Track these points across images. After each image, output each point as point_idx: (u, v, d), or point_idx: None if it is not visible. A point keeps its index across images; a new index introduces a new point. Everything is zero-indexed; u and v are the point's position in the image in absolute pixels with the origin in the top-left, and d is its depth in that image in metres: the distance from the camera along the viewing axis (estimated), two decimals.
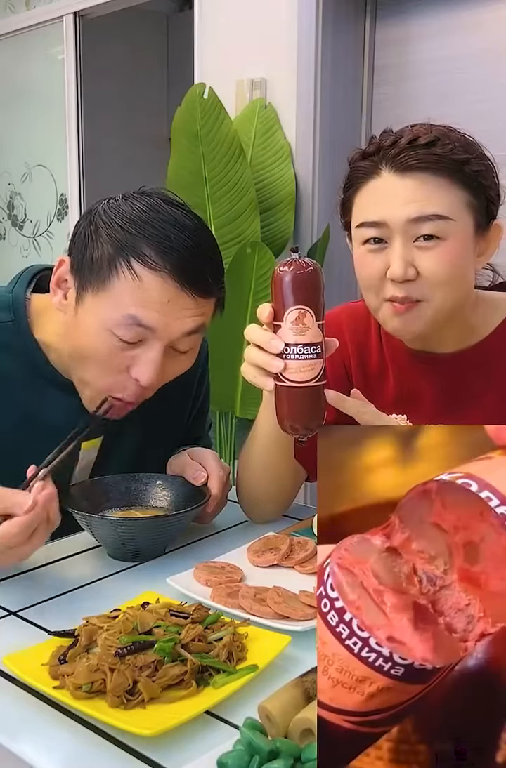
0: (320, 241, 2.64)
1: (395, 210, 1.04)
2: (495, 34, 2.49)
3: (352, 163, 1.12)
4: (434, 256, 1.04)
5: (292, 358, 0.93)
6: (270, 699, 0.67)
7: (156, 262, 1.02)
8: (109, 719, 0.70)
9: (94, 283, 1.05)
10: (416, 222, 1.03)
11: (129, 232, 1.03)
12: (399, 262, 1.04)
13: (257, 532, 1.15)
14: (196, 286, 1.05)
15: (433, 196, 1.03)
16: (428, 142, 1.04)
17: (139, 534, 1.09)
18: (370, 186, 1.08)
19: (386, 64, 2.78)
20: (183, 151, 2.59)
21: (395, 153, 1.05)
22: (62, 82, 3.72)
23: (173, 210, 1.07)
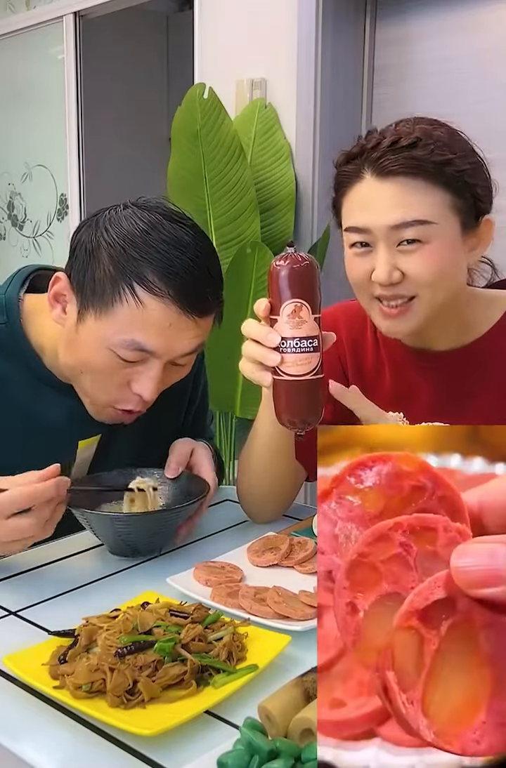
0: (320, 241, 2.64)
1: (377, 217, 1.05)
2: (495, 34, 2.49)
3: (337, 167, 1.13)
4: (417, 259, 1.05)
5: (289, 352, 0.93)
6: (270, 699, 0.67)
7: (160, 288, 1.03)
8: (109, 719, 0.70)
9: (97, 306, 1.05)
10: (398, 228, 1.04)
11: (132, 255, 1.03)
12: (383, 267, 1.05)
13: (257, 532, 1.15)
14: (196, 308, 1.06)
15: (414, 201, 1.04)
16: (409, 144, 1.04)
17: (136, 530, 1.09)
18: (354, 190, 1.09)
19: (386, 64, 2.78)
20: (183, 151, 2.59)
21: (376, 157, 1.05)
22: (62, 82, 3.72)
23: (173, 227, 1.06)
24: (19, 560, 1.09)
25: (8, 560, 1.09)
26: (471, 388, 1.18)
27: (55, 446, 1.15)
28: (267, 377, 0.96)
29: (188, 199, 2.59)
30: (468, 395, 1.18)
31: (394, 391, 1.23)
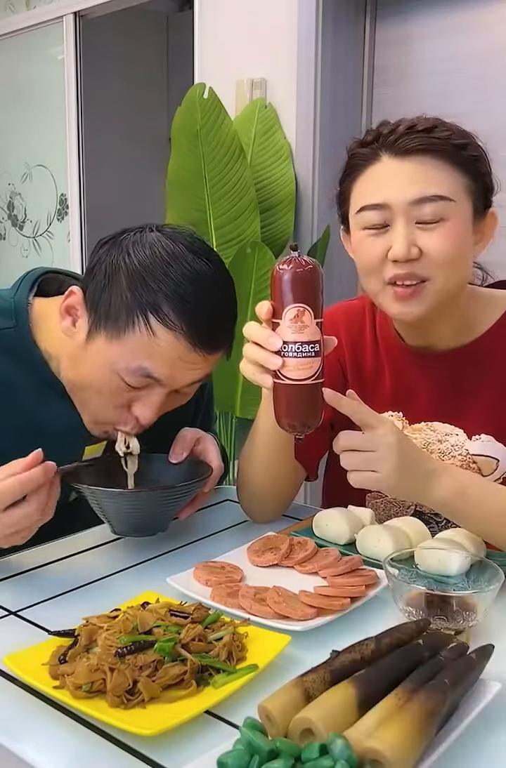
0: (320, 241, 2.64)
1: (397, 192, 1.06)
2: (496, 34, 2.49)
3: (350, 152, 1.13)
4: (437, 236, 1.05)
5: (290, 356, 0.93)
6: (270, 699, 0.67)
7: (173, 322, 1.03)
8: (109, 719, 0.70)
9: (110, 329, 1.05)
10: (418, 203, 1.05)
11: (150, 285, 1.03)
12: (401, 242, 1.05)
13: (257, 532, 1.15)
14: (206, 346, 1.06)
15: (434, 177, 1.05)
16: (426, 128, 1.06)
17: (141, 507, 1.09)
18: (370, 171, 1.09)
19: (386, 64, 2.78)
20: (183, 151, 2.59)
21: (394, 139, 1.07)
22: (62, 82, 3.71)
23: (195, 261, 1.05)
24: (19, 560, 1.09)
25: (8, 560, 1.09)
26: (471, 388, 1.18)
27: (62, 451, 1.15)
28: (268, 380, 0.97)
29: (188, 199, 2.59)
30: (468, 395, 1.18)
31: (394, 391, 1.23)
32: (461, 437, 1.18)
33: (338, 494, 1.32)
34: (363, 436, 0.98)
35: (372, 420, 0.99)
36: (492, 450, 1.17)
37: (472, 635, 0.85)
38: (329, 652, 0.74)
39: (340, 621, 0.90)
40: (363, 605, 0.94)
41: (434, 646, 0.75)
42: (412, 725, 0.63)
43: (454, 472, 1.04)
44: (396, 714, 0.64)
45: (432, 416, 1.21)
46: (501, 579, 0.88)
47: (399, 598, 0.89)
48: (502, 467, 1.17)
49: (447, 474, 1.01)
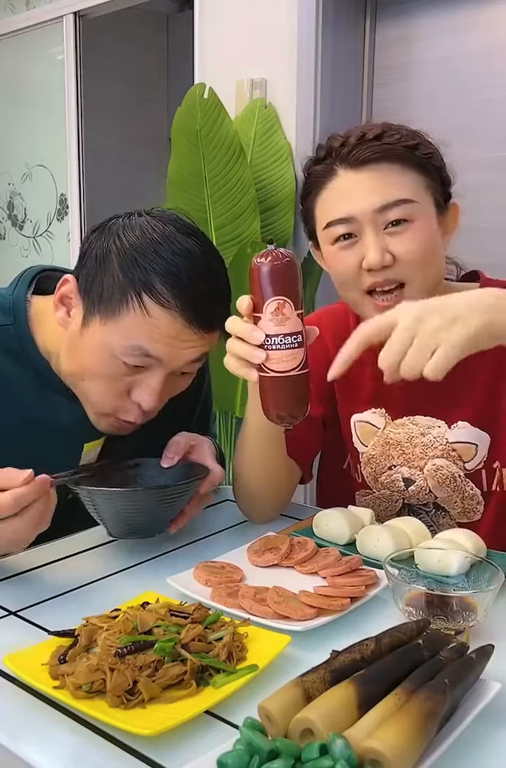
0: None
1: (360, 202, 1.07)
2: (495, 34, 2.49)
3: (306, 171, 1.15)
4: (406, 239, 1.07)
5: (274, 349, 0.95)
6: (270, 699, 0.67)
7: (168, 300, 1.03)
8: (109, 719, 0.70)
9: (104, 311, 1.05)
10: (382, 210, 1.07)
11: (142, 264, 1.03)
12: (374, 250, 1.07)
13: (257, 532, 1.15)
14: (202, 323, 1.06)
15: (393, 183, 1.07)
16: (376, 136, 1.08)
17: (137, 507, 1.08)
18: (329, 187, 1.11)
19: (386, 65, 2.78)
20: (183, 151, 2.59)
21: (347, 151, 1.08)
22: (62, 82, 3.72)
23: (185, 240, 1.06)
24: (19, 560, 1.09)
25: (8, 560, 1.09)
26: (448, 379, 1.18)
27: (61, 448, 1.15)
28: (253, 374, 0.98)
29: (188, 199, 2.59)
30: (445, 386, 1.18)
31: (376, 389, 1.25)
32: (442, 428, 1.21)
33: (332, 493, 1.34)
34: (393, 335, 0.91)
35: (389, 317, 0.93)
36: (470, 436, 1.19)
37: (472, 635, 0.85)
38: (329, 652, 0.74)
39: (340, 621, 0.90)
40: (363, 605, 0.94)
41: (434, 646, 0.75)
42: (412, 725, 0.63)
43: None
44: (396, 714, 0.64)
45: (414, 411, 1.23)
46: (501, 579, 0.88)
47: (399, 598, 0.89)
48: (481, 452, 1.19)
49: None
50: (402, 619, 0.85)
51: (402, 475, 1.25)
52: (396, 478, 1.25)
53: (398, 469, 1.25)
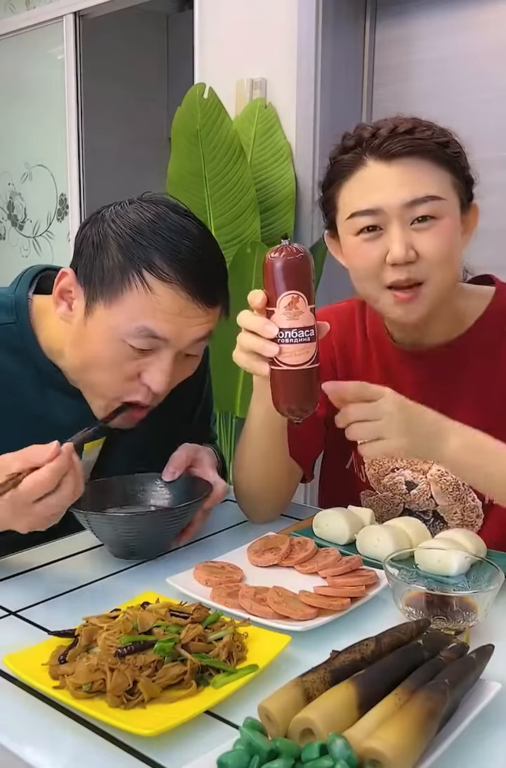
0: (321, 241, 2.64)
1: (388, 196, 1.06)
2: (495, 34, 2.49)
3: (333, 158, 1.14)
4: (431, 236, 1.07)
5: (287, 342, 0.94)
6: (270, 699, 0.67)
7: (168, 274, 1.03)
8: (109, 719, 0.70)
9: (106, 294, 1.05)
10: (411, 205, 1.06)
11: (140, 243, 1.04)
12: (399, 245, 1.06)
13: (257, 532, 1.15)
14: (205, 296, 1.06)
15: (423, 178, 1.06)
16: (407, 130, 1.07)
17: (137, 530, 1.08)
18: (356, 177, 1.10)
19: (386, 65, 2.78)
20: (183, 151, 2.59)
21: (379, 143, 1.07)
22: (62, 82, 3.72)
23: (180, 219, 1.07)
24: (19, 560, 1.09)
25: (8, 560, 1.09)
26: (456, 382, 1.20)
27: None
28: (264, 367, 0.97)
29: (188, 199, 2.59)
30: (453, 389, 1.20)
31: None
32: None
33: (334, 492, 1.33)
34: (368, 407, 0.99)
35: (375, 392, 1.00)
36: None
37: (472, 635, 0.85)
38: (329, 652, 0.74)
39: (340, 621, 0.90)
40: (363, 605, 0.94)
41: (434, 646, 0.75)
42: (412, 725, 0.63)
43: (462, 429, 1.05)
44: (396, 714, 0.64)
45: None
46: (501, 579, 0.88)
47: (399, 598, 0.89)
48: None
49: (455, 432, 1.03)
50: (402, 619, 0.85)
51: (404, 478, 1.25)
52: (398, 480, 1.25)
53: (401, 471, 1.25)
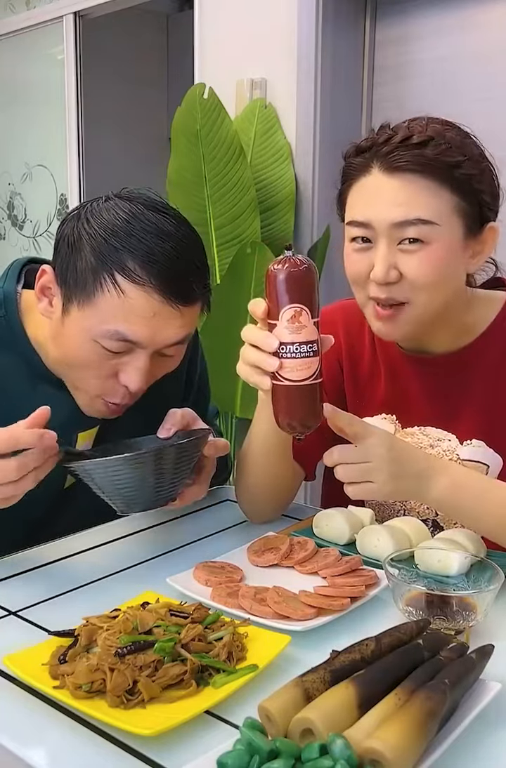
0: (320, 241, 2.64)
1: (380, 212, 1.04)
2: (495, 34, 2.49)
3: (346, 159, 1.12)
4: (417, 260, 1.04)
5: (288, 357, 0.92)
6: (270, 699, 0.67)
7: (141, 276, 1.02)
8: (109, 719, 0.70)
9: (79, 297, 1.05)
10: (400, 226, 1.03)
11: (113, 245, 1.03)
12: (381, 265, 1.04)
13: (257, 532, 1.15)
14: (180, 297, 1.05)
15: (419, 198, 1.03)
16: (421, 142, 1.03)
17: (133, 473, 1.02)
18: (361, 183, 1.08)
19: (386, 64, 2.78)
20: (183, 151, 2.59)
21: (386, 151, 1.04)
22: (62, 82, 3.72)
23: (155, 216, 1.05)
24: (19, 560, 1.09)
25: (8, 560, 1.09)
26: (464, 392, 1.18)
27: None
28: (266, 381, 0.95)
29: (188, 199, 2.59)
30: (461, 400, 1.18)
31: (388, 394, 1.23)
32: (453, 442, 1.17)
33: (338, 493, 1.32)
34: (356, 449, 0.98)
35: (364, 431, 0.98)
36: (483, 456, 1.15)
37: (472, 635, 0.85)
38: (329, 652, 0.74)
39: (340, 621, 0.90)
40: (363, 605, 0.94)
41: (434, 646, 0.75)
42: (412, 725, 0.63)
43: (450, 469, 1.04)
44: (396, 714, 0.64)
45: (426, 421, 1.20)
46: (501, 579, 0.88)
47: (399, 598, 0.89)
48: (493, 473, 1.15)
49: (443, 472, 1.01)
50: (402, 619, 0.85)
51: None
52: None
53: None
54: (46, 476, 1.00)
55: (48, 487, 1.21)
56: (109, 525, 1.22)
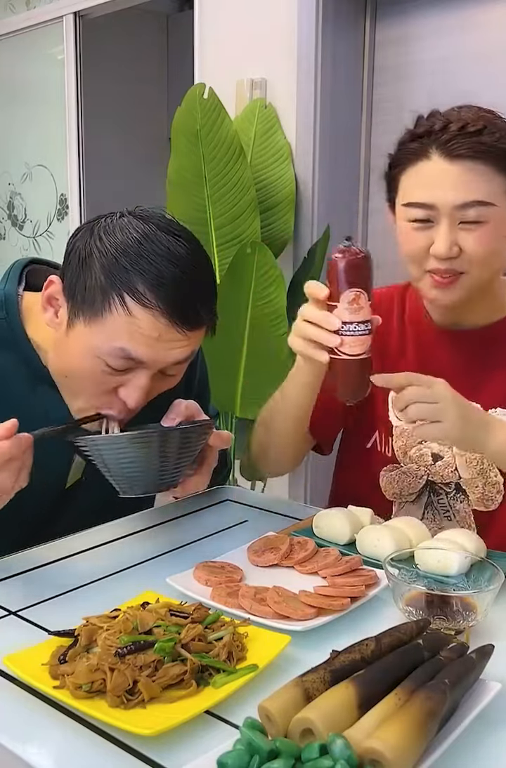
0: (320, 241, 2.64)
1: (444, 194, 1.12)
2: (495, 33, 2.49)
3: (401, 144, 1.19)
4: (476, 237, 1.13)
5: (348, 334, 1.04)
6: (270, 699, 0.67)
7: (149, 300, 1.02)
8: (109, 719, 0.70)
9: (87, 313, 1.05)
10: (461, 207, 1.12)
11: (124, 266, 1.03)
12: (444, 242, 1.13)
13: (257, 532, 1.15)
14: (186, 322, 1.05)
15: (479, 183, 1.11)
16: (477, 130, 1.12)
17: (138, 452, 1.03)
18: (419, 167, 1.15)
19: (386, 65, 2.78)
20: (183, 151, 2.59)
21: (446, 139, 1.13)
22: (62, 82, 3.72)
23: (168, 239, 1.05)
24: (19, 560, 1.09)
25: (8, 560, 1.09)
26: (491, 364, 1.25)
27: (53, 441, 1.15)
28: (323, 355, 1.06)
29: (188, 199, 2.59)
30: (487, 371, 1.25)
31: (415, 365, 1.28)
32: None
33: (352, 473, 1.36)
34: (425, 390, 1.07)
35: (428, 378, 1.08)
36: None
37: (472, 635, 0.85)
38: (329, 652, 0.74)
39: (340, 621, 0.90)
40: (363, 605, 0.94)
41: (434, 646, 0.75)
42: (412, 725, 0.63)
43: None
44: (396, 714, 0.64)
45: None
46: (501, 579, 0.88)
47: (399, 598, 0.89)
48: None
49: (501, 426, 1.11)
50: (402, 619, 0.85)
51: (431, 450, 1.28)
52: (424, 452, 1.29)
53: (428, 443, 1.28)
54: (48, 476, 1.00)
55: (49, 487, 1.21)
56: (110, 525, 1.22)
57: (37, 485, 1.01)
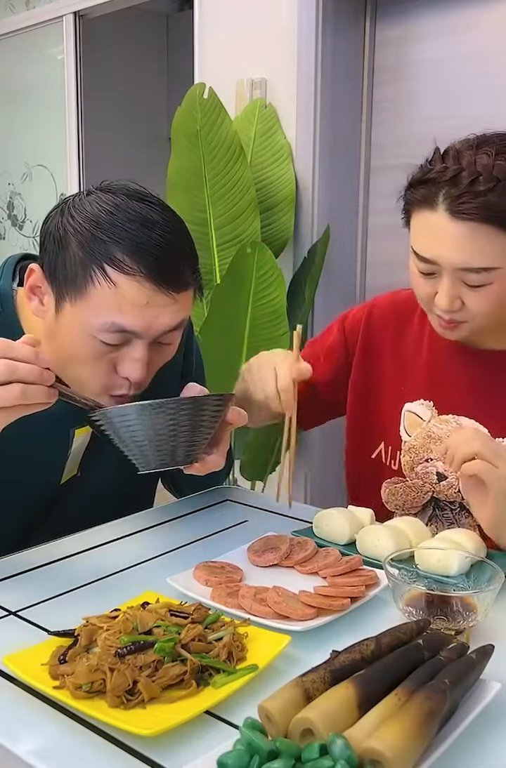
0: (320, 241, 2.64)
1: (446, 254, 1.10)
2: (495, 33, 2.49)
3: (411, 183, 1.15)
4: (479, 296, 1.11)
5: None
6: (270, 699, 0.67)
7: (130, 266, 1.02)
8: (109, 719, 0.70)
9: (71, 292, 1.04)
10: (464, 270, 1.09)
11: (99, 237, 1.02)
12: (446, 298, 1.12)
13: (257, 532, 1.15)
14: (172, 284, 1.04)
15: (483, 247, 1.07)
16: (488, 189, 1.05)
17: (151, 422, 1.00)
18: (425, 216, 1.12)
19: (386, 65, 2.78)
20: (183, 151, 2.59)
21: (454, 195, 1.07)
22: (62, 82, 3.72)
23: (139, 205, 1.05)
24: (19, 560, 1.09)
25: (8, 560, 1.09)
26: (503, 390, 1.23)
27: (52, 436, 1.15)
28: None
29: (188, 199, 2.59)
30: (499, 396, 1.23)
31: (428, 380, 1.29)
32: None
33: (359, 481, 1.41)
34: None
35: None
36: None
37: (472, 635, 0.85)
38: (329, 652, 0.74)
39: (340, 621, 0.90)
40: (363, 605, 0.94)
41: (434, 646, 0.75)
42: (412, 725, 0.63)
43: None
44: (396, 714, 0.64)
45: (461, 410, 1.26)
46: (501, 579, 0.88)
47: (399, 598, 0.89)
48: None
49: None
50: (402, 619, 0.85)
51: (436, 469, 1.28)
52: (430, 470, 1.28)
53: (434, 462, 1.28)
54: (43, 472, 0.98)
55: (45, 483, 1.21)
56: (110, 525, 1.22)
57: (32, 481, 1.00)
